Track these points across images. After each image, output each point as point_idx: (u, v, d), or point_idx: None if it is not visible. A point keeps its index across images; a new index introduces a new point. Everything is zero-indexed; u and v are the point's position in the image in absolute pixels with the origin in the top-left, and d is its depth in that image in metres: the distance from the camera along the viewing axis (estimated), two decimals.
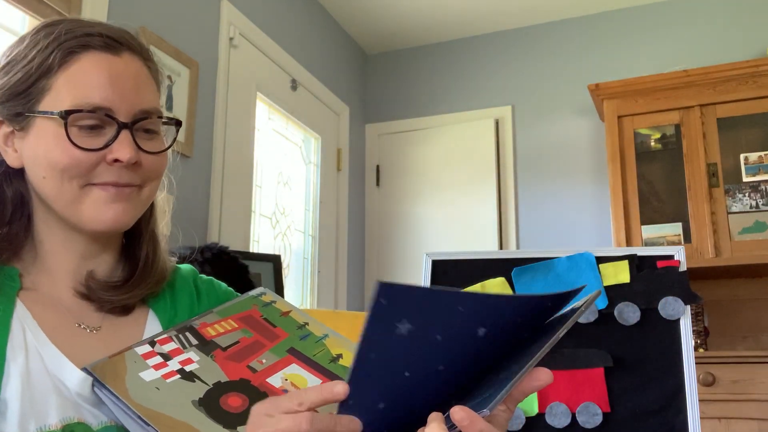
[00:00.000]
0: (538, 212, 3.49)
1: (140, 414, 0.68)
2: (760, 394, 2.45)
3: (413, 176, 3.77)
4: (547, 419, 1.23)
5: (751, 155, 2.89)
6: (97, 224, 0.77)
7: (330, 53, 3.62)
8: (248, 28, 2.88)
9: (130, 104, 0.77)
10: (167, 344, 0.78)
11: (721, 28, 3.30)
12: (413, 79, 3.92)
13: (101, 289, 0.80)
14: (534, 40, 3.68)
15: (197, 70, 2.49)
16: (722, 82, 2.93)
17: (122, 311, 0.82)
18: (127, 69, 0.78)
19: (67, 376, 0.72)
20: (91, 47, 0.77)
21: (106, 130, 0.76)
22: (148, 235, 0.87)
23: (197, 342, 0.80)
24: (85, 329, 0.79)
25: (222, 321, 0.84)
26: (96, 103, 0.75)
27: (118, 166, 0.77)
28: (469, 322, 0.58)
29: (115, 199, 0.77)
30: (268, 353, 0.81)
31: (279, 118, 3.18)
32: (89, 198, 0.76)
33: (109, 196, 0.77)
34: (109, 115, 0.76)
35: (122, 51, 0.78)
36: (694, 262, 2.80)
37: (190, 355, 0.78)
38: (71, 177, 0.75)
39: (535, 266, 1.13)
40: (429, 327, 0.57)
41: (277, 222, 3.11)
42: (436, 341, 0.58)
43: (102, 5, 2.07)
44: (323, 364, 0.82)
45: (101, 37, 0.78)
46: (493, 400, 0.56)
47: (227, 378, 0.77)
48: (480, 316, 0.58)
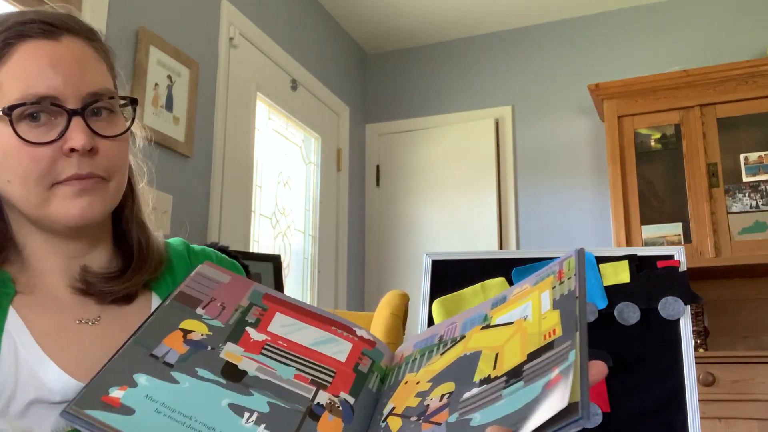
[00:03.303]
0: (538, 212, 3.49)
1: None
2: (760, 394, 2.45)
3: (413, 176, 3.77)
4: None
5: (751, 155, 2.89)
6: (66, 220, 0.74)
7: (330, 53, 3.62)
8: (248, 28, 2.88)
9: (76, 89, 0.73)
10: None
11: (721, 28, 3.30)
12: (413, 79, 3.92)
13: (100, 281, 0.78)
14: (534, 40, 3.68)
15: (197, 70, 2.49)
16: (722, 82, 2.93)
17: (124, 300, 0.80)
18: (68, 53, 0.74)
19: (53, 385, 0.70)
20: (26, 36, 0.72)
21: (58, 120, 0.72)
22: (136, 223, 0.84)
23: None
24: (86, 324, 0.76)
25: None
26: (40, 93, 0.71)
27: (76, 156, 0.73)
28: None
29: (81, 193, 0.74)
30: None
31: (279, 118, 3.18)
32: (56, 196, 0.73)
33: (74, 191, 0.73)
34: (55, 103, 0.71)
35: (61, 35, 0.74)
36: (694, 262, 2.80)
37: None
38: (36, 180, 0.72)
39: (535, 266, 1.13)
40: None
41: (277, 222, 3.11)
42: None
43: (102, 5, 2.07)
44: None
45: (36, 23, 0.73)
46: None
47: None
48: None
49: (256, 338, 0.79)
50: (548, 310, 0.74)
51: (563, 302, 0.73)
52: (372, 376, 0.81)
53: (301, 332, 0.82)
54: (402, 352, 0.85)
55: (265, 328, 0.81)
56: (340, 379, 0.78)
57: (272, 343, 0.79)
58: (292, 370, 0.77)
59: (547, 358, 0.67)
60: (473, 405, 0.69)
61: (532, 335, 0.72)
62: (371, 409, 0.78)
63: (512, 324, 0.77)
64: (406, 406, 0.74)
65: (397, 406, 0.75)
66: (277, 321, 0.83)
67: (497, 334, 0.77)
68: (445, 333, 0.84)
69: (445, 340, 0.82)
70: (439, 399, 0.72)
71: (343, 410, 0.74)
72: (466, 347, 0.78)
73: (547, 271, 0.81)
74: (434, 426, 0.69)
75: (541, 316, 0.74)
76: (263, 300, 0.85)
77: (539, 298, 0.77)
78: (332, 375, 0.78)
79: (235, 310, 0.82)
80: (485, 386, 0.70)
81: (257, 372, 0.75)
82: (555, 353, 0.67)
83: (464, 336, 0.80)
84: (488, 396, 0.69)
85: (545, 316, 0.74)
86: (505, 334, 0.76)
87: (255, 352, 0.77)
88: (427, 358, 0.81)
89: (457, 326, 0.83)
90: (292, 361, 0.78)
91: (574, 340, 0.67)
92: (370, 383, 0.80)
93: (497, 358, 0.74)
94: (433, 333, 0.85)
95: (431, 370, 0.78)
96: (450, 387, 0.73)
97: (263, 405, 0.71)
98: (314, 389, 0.75)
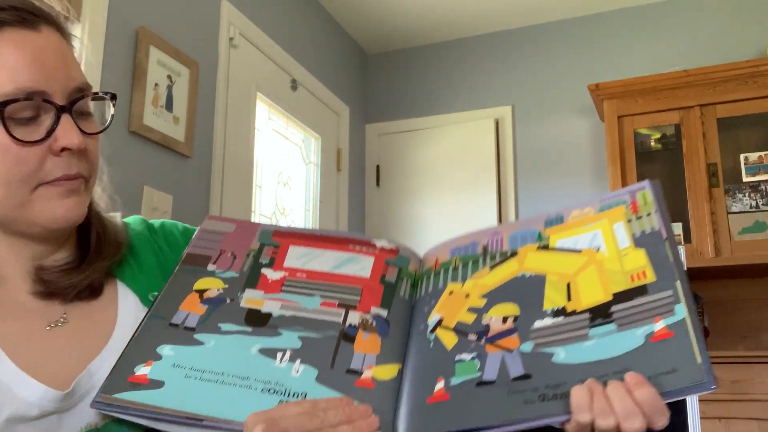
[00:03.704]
0: (538, 212, 3.49)
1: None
2: (760, 394, 2.45)
3: (413, 176, 3.77)
4: None
5: (751, 155, 2.88)
6: (50, 222, 0.69)
7: (330, 53, 3.62)
8: (248, 28, 2.88)
9: (63, 84, 0.68)
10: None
11: (721, 28, 3.30)
12: (413, 79, 3.92)
13: (58, 277, 0.72)
14: (534, 40, 3.68)
15: (197, 70, 2.49)
16: (722, 82, 2.93)
17: (90, 294, 0.74)
18: (49, 45, 0.68)
19: (31, 398, 0.65)
20: (5, 24, 0.66)
21: (42, 118, 0.67)
22: (95, 219, 0.79)
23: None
24: (57, 326, 0.71)
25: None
26: (30, 88, 0.65)
27: (66, 155, 0.68)
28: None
29: (68, 194, 0.69)
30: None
31: (279, 118, 3.18)
32: (41, 197, 0.68)
33: (61, 192, 0.69)
34: (46, 99, 0.66)
35: (39, 24, 0.68)
36: (694, 262, 2.80)
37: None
38: (21, 181, 0.67)
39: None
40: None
41: (278, 222, 3.11)
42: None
43: (102, 5, 2.07)
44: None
45: (14, 10, 0.67)
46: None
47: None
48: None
49: (274, 277, 0.77)
50: (629, 247, 0.69)
51: (647, 241, 0.69)
52: (401, 284, 0.77)
53: (318, 259, 0.79)
54: (436, 257, 0.81)
55: (281, 265, 0.78)
56: (368, 294, 0.75)
57: (291, 278, 0.77)
58: (316, 299, 0.74)
59: (642, 305, 0.63)
60: (551, 338, 0.65)
61: (613, 273, 0.68)
62: (407, 318, 0.74)
63: (581, 253, 0.72)
64: (458, 320, 0.71)
65: (447, 319, 0.71)
66: (292, 254, 0.80)
67: (563, 261, 0.72)
68: (489, 243, 0.78)
69: (492, 253, 0.77)
70: (502, 321, 0.68)
71: (377, 325, 0.72)
72: (522, 267, 0.73)
73: (614, 198, 0.75)
74: (504, 352, 0.65)
75: (621, 252, 0.69)
76: (273, 237, 0.82)
77: (611, 229, 0.72)
78: (359, 293, 0.75)
79: (247, 256, 0.79)
80: (562, 319, 0.66)
81: (282, 310, 0.73)
82: (653, 302, 0.63)
83: (516, 252, 0.75)
84: (570, 332, 0.64)
85: (626, 252, 0.69)
86: (575, 263, 0.71)
87: (275, 291, 0.75)
88: (472, 269, 0.76)
89: (503, 238, 0.78)
90: (315, 290, 0.75)
91: (677, 291, 0.63)
92: (400, 291, 0.76)
93: (570, 289, 0.69)
94: (472, 240, 0.80)
95: (482, 284, 0.74)
96: (513, 310, 0.69)
97: (294, 341, 0.69)
98: (343, 312, 0.73)
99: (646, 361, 0.59)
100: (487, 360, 0.65)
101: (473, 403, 0.62)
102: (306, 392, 0.65)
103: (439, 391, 0.64)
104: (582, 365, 0.61)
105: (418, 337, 0.72)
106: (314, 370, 0.67)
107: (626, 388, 0.56)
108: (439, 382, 0.65)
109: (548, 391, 0.60)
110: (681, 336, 0.59)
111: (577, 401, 0.56)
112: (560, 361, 0.62)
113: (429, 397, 0.64)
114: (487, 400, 0.62)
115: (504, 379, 0.63)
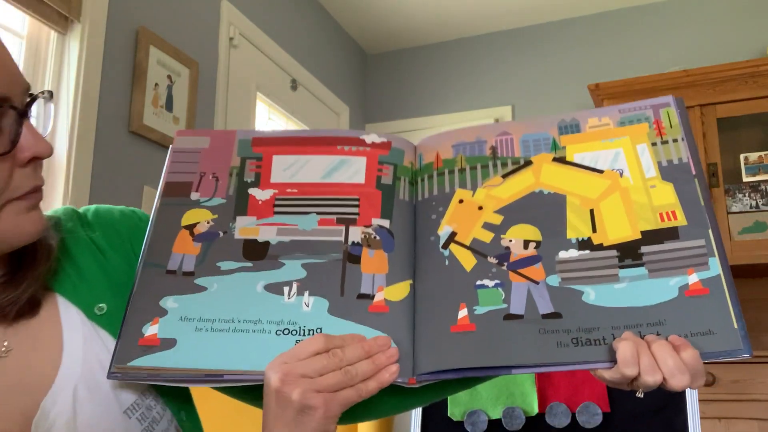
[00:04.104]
0: None
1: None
2: (760, 394, 2.45)
3: None
4: (547, 419, 1.23)
5: (751, 155, 2.88)
6: (17, 238, 0.61)
7: (330, 53, 3.62)
8: (248, 28, 2.88)
9: (19, 85, 0.60)
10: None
11: (721, 28, 3.30)
12: (413, 79, 3.92)
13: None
14: (534, 40, 3.68)
15: (197, 70, 2.49)
16: (722, 82, 2.93)
17: (31, 310, 0.64)
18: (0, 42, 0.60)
19: None
20: None
21: (2, 125, 0.58)
22: None
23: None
24: (1, 358, 0.63)
25: None
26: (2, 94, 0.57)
27: (33, 165, 0.61)
28: None
29: (33, 206, 0.62)
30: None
31: (279, 118, 3.18)
32: (8, 214, 0.60)
33: (28, 206, 0.61)
34: (12, 105, 0.58)
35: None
36: None
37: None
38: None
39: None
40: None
41: None
42: None
43: (102, 5, 2.07)
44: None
45: None
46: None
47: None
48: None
49: (264, 197, 0.72)
50: (655, 177, 0.66)
51: (676, 175, 0.65)
52: (399, 184, 0.72)
53: (306, 168, 0.73)
54: (436, 150, 0.75)
55: (268, 181, 0.73)
56: (366, 203, 0.70)
57: (282, 196, 0.72)
58: (313, 216, 0.70)
59: (674, 251, 0.62)
60: (579, 274, 0.63)
61: (641, 206, 0.65)
62: (411, 223, 0.70)
63: (603, 174, 0.68)
64: (473, 236, 0.67)
65: (461, 233, 0.67)
66: (277, 166, 0.74)
67: (584, 182, 0.68)
68: (497, 144, 0.73)
69: (502, 158, 0.72)
70: (523, 245, 0.65)
71: (381, 239, 0.68)
72: (539, 181, 0.69)
73: (635, 111, 0.70)
74: (529, 283, 0.63)
75: (647, 183, 0.66)
76: (254, 148, 0.76)
77: (634, 150, 0.68)
78: (357, 203, 0.71)
79: (230, 176, 0.74)
80: (588, 252, 0.63)
81: (279, 236, 0.69)
82: (686, 249, 0.61)
83: (530, 161, 0.71)
84: (598, 268, 0.62)
85: (653, 183, 0.66)
86: (597, 186, 0.67)
87: (268, 214, 0.71)
88: (482, 175, 0.71)
89: (515, 141, 0.73)
90: (310, 206, 0.71)
91: (710, 242, 0.61)
92: (400, 193, 0.72)
93: (594, 217, 0.65)
94: (478, 137, 0.74)
95: (495, 196, 0.69)
96: (534, 234, 0.66)
97: (298, 271, 0.67)
98: (343, 228, 0.69)
99: (682, 318, 0.59)
100: (512, 290, 0.63)
101: (502, 338, 0.60)
102: (321, 327, 0.63)
103: (463, 320, 0.62)
104: (614, 310, 0.59)
105: (428, 250, 0.68)
106: (325, 301, 0.65)
107: (672, 346, 0.57)
108: (462, 310, 0.63)
109: (581, 335, 0.59)
110: (717, 295, 0.59)
111: (623, 355, 0.57)
112: (591, 301, 0.60)
113: (453, 326, 0.62)
114: (517, 337, 0.60)
115: (533, 314, 0.61)
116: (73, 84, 1.93)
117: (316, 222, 0.69)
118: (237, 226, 0.70)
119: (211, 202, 0.72)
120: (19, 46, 1.90)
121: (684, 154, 0.67)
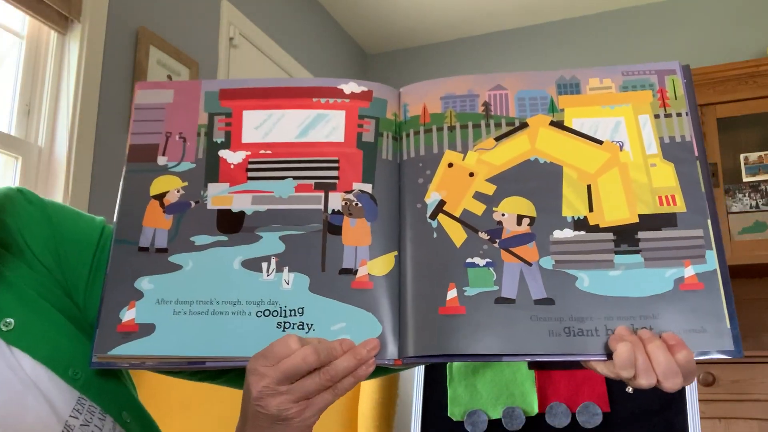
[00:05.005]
0: None
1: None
2: (760, 394, 2.45)
3: None
4: (547, 419, 1.23)
5: (751, 155, 2.88)
6: None
7: (330, 53, 3.62)
8: (248, 28, 2.88)
9: None
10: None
11: (721, 28, 3.30)
12: (413, 79, 3.91)
13: None
14: (533, 40, 3.68)
15: (197, 70, 2.49)
16: (722, 82, 2.93)
17: None
18: None
19: None
20: None
21: None
22: None
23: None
24: None
25: None
26: None
27: None
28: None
29: None
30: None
31: None
32: None
33: None
34: None
35: None
36: None
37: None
38: None
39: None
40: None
41: None
42: None
43: (102, 5, 2.07)
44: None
45: None
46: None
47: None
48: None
49: (235, 161, 0.67)
50: (656, 156, 0.63)
51: (677, 155, 0.62)
52: (382, 141, 0.66)
53: (280, 124, 0.68)
54: (423, 102, 0.68)
55: (240, 142, 0.67)
56: (346, 165, 0.65)
57: (255, 158, 0.66)
58: (289, 182, 0.65)
59: (672, 240, 0.60)
60: (574, 257, 0.60)
61: (640, 186, 0.62)
62: (395, 186, 0.65)
63: (602, 146, 0.64)
64: (464, 207, 0.63)
65: (450, 203, 0.63)
66: (248, 123, 0.68)
67: (582, 152, 0.64)
68: (491, 100, 0.68)
69: (495, 117, 0.67)
70: (516, 221, 0.62)
71: (363, 206, 0.64)
72: (534, 148, 0.65)
73: (640, 76, 0.67)
74: (522, 264, 0.60)
75: (647, 159, 0.63)
76: (222, 102, 0.69)
77: (636, 121, 0.65)
78: (336, 166, 0.65)
79: (198, 135, 0.68)
80: (584, 233, 0.61)
81: (254, 205, 0.65)
82: (683, 239, 0.59)
83: (526, 124, 0.66)
84: (594, 253, 0.60)
85: (653, 161, 0.63)
86: (596, 159, 0.64)
87: (241, 180, 0.66)
88: (473, 136, 0.66)
89: (510, 98, 0.67)
90: (286, 170, 0.66)
91: (708, 233, 0.59)
92: (383, 152, 0.66)
93: (591, 193, 0.62)
94: (470, 90, 0.68)
95: (488, 162, 0.65)
96: (528, 209, 0.62)
97: (276, 244, 0.63)
98: (322, 194, 0.64)
99: (676, 313, 0.58)
100: (504, 271, 0.60)
101: (493, 323, 0.58)
102: (303, 307, 0.60)
103: (452, 302, 0.60)
104: (608, 299, 0.58)
105: (415, 220, 0.63)
106: (305, 278, 0.61)
107: (667, 347, 0.57)
108: (451, 290, 0.60)
109: (574, 325, 0.58)
110: (711, 291, 0.57)
111: (621, 357, 0.57)
112: (584, 288, 0.59)
113: (441, 307, 0.60)
114: (508, 323, 0.58)
115: (525, 299, 0.59)
116: (73, 84, 1.93)
117: (293, 188, 0.65)
118: (209, 194, 0.65)
119: (180, 167, 0.67)
120: (19, 46, 1.90)
121: (687, 132, 0.63)
